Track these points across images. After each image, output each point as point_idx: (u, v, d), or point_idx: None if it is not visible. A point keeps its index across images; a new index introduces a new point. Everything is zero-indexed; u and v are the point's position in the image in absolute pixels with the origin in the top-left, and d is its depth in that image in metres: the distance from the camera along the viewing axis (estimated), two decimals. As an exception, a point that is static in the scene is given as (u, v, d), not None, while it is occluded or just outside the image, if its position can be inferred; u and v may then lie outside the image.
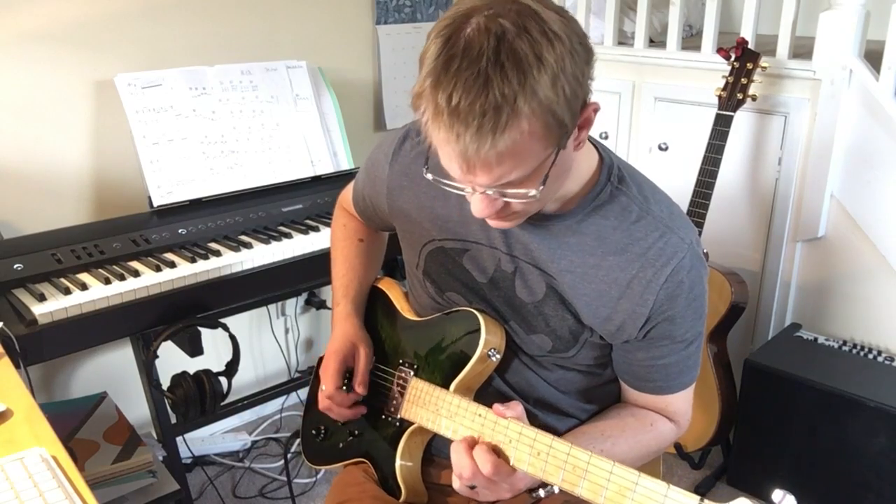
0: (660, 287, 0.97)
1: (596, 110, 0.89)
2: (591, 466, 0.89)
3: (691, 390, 1.10)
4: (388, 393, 1.18)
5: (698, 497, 0.82)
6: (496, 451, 0.96)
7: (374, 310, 1.28)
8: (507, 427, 0.96)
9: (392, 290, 1.28)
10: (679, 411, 1.09)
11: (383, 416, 1.18)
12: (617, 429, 1.07)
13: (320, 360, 1.32)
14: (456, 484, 0.97)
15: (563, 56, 0.80)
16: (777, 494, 0.78)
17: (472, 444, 0.96)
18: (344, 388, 1.19)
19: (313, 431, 1.30)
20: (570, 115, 0.83)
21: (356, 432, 1.23)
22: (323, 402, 1.19)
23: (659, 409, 1.09)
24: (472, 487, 0.96)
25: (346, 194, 1.35)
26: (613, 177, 1.01)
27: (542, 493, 0.97)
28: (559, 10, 0.84)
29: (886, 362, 2.04)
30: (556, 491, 0.94)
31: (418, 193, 1.12)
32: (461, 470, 0.95)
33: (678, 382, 1.07)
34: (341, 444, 1.25)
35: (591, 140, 1.02)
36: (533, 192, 0.86)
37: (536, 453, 0.93)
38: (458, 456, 0.96)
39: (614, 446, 1.03)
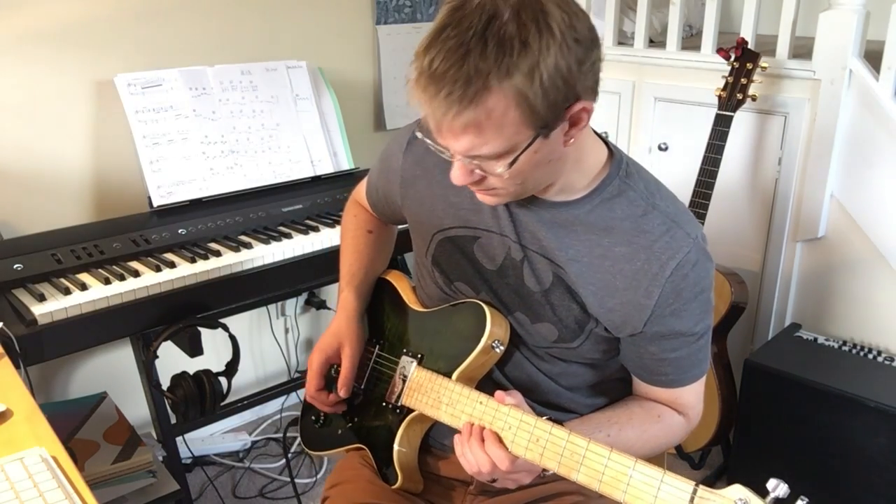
0: (665, 280, 0.98)
1: (588, 111, 0.90)
2: (588, 453, 0.91)
3: (702, 383, 1.10)
4: (390, 381, 1.20)
5: (693, 483, 0.84)
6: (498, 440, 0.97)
7: (380, 300, 1.30)
8: (508, 414, 0.98)
9: (400, 283, 1.30)
10: (689, 404, 1.10)
11: (384, 404, 1.19)
12: (623, 416, 1.08)
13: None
14: (472, 471, 0.98)
15: (548, 46, 0.82)
16: (771, 483, 0.78)
17: (480, 437, 0.98)
18: (331, 385, 1.22)
19: (312, 417, 1.31)
20: (548, 107, 0.84)
21: (355, 419, 1.25)
22: (309, 397, 1.24)
23: (669, 401, 1.10)
24: (493, 480, 0.99)
25: (361, 187, 1.38)
26: (623, 171, 1.03)
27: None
28: (567, 8, 0.84)
29: (886, 362, 2.04)
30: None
31: (431, 183, 1.14)
32: (480, 466, 0.97)
33: (689, 375, 1.08)
34: (340, 431, 1.27)
35: (602, 137, 1.05)
36: (500, 168, 0.89)
37: (535, 440, 0.94)
38: (475, 452, 0.97)
39: (620, 432, 1.05)
